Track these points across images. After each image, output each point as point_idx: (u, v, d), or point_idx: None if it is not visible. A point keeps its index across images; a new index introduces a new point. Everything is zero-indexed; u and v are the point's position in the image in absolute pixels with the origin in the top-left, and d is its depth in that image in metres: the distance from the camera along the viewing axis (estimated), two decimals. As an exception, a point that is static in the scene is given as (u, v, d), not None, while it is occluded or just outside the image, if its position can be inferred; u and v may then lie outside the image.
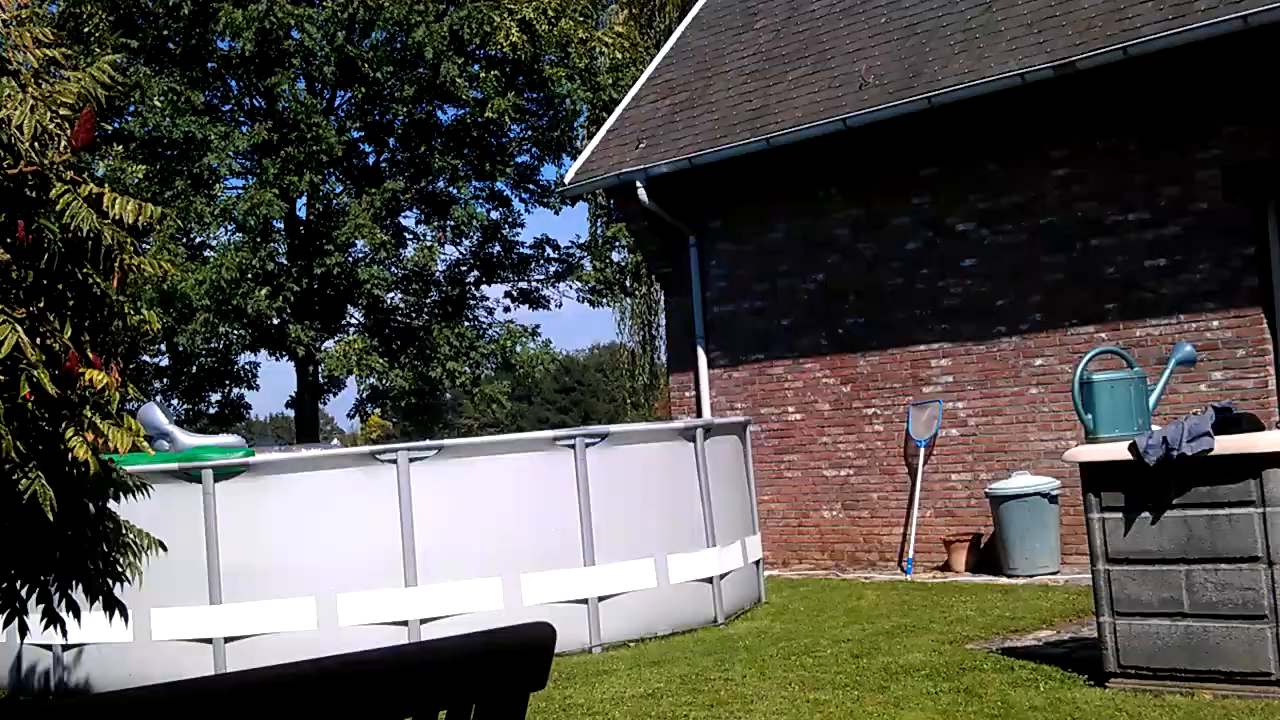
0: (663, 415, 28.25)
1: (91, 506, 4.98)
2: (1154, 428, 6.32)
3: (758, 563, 10.49)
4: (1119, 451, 6.16)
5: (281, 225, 22.31)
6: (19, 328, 4.00)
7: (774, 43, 13.64)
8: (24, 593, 4.91)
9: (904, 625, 8.61)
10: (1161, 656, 6.09)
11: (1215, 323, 10.11)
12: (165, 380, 22.99)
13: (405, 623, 8.52)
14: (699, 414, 13.33)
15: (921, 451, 11.83)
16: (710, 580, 9.50)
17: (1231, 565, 5.87)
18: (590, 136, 18.19)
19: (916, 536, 11.80)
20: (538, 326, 24.24)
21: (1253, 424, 6.39)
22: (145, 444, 4.99)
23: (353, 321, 23.91)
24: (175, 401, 23.42)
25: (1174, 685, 6.02)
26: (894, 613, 9.23)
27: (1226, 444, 5.88)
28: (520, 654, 2.09)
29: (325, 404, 29.73)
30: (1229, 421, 6.04)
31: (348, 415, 27.64)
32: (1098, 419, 6.50)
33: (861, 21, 12.82)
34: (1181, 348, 7.10)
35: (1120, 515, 6.24)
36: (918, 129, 11.65)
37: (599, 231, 24.25)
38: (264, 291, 20.66)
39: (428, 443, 9.59)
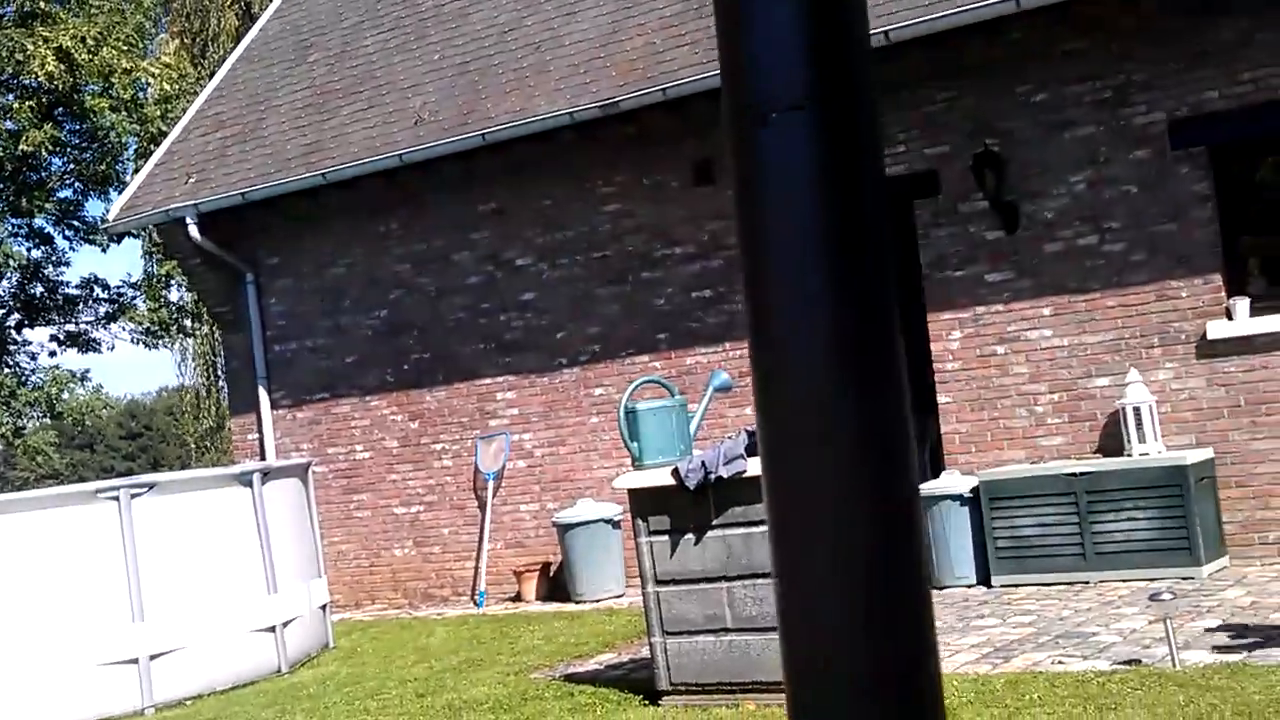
0: (233, 459, 27.17)
1: None
2: (695, 453, 6.62)
3: (324, 606, 10.22)
4: (662, 477, 6.41)
5: None
6: None
7: (328, 76, 13.43)
8: None
9: (472, 660, 8.62)
10: (710, 671, 6.37)
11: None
12: None
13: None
14: (263, 456, 12.89)
15: (490, 484, 11.92)
16: (272, 629, 9.17)
17: (768, 579, 6.21)
18: (138, 170, 17.30)
19: (488, 569, 11.86)
20: (88, 371, 22.66)
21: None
22: None
23: None
24: None
25: (721, 698, 6.31)
26: (463, 648, 9.22)
27: (759, 465, 6.22)
28: None
29: None
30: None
31: None
32: (643, 446, 6.73)
33: (416, 58, 12.83)
34: (718, 375, 7.48)
35: (666, 538, 6.49)
36: (475, 165, 11.77)
37: (152, 270, 23.06)
38: None
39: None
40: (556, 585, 11.45)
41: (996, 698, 5.78)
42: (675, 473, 6.29)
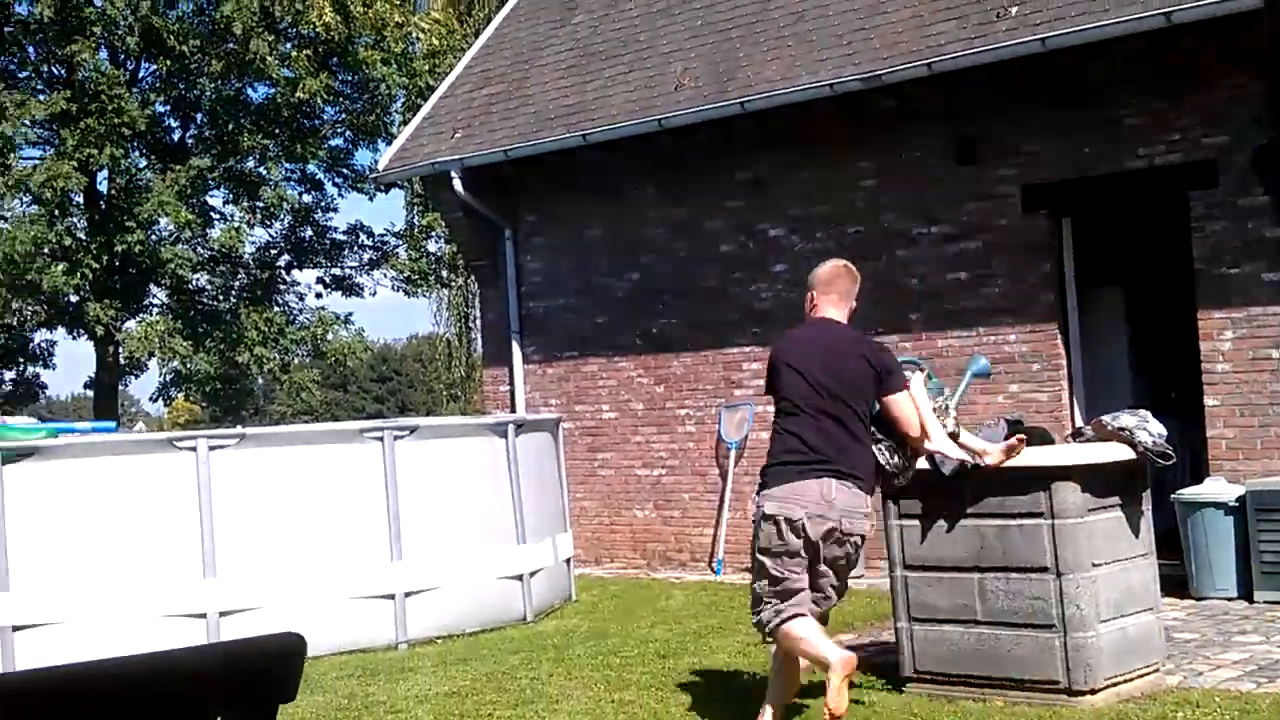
0: (480, 409, 28.03)
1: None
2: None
3: (568, 561, 10.50)
4: (919, 460, 6.32)
5: (80, 199, 21.44)
6: None
7: (591, 38, 13.63)
8: None
9: (711, 626, 8.72)
10: (956, 662, 6.29)
11: (1012, 336, 10.47)
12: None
13: (204, 615, 8.30)
14: (513, 409, 13.27)
15: (733, 453, 11.99)
16: (520, 577, 9.48)
17: (1021, 574, 6.10)
18: (406, 123, 17.91)
19: (726, 538, 11.96)
20: (350, 314, 23.76)
21: (1043, 438, 6.65)
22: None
23: (156, 302, 23.12)
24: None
25: (967, 691, 6.23)
26: (702, 614, 9.34)
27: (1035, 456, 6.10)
28: (266, 665, 2.01)
29: (126, 385, 28.65)
30: (1020, 434, 6.26)
31: (150, 398, 26.74)
32: (899, 429, 6.65)
33: (678, 22, 12.90)
34: (977, 360, 7.34)
35: (917, 523, 6.43)
36: (733, 133, 11.79)
37: (414, 220, 23.91)
38: (60, 267, 19.86)
39: (229, 431, 9.35)
40: (792, 556, 11.46)
41: (1263, 718, 5.55)
42: (930, 457, 6.19)
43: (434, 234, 23.06)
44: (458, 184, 13.14)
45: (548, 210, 13.38)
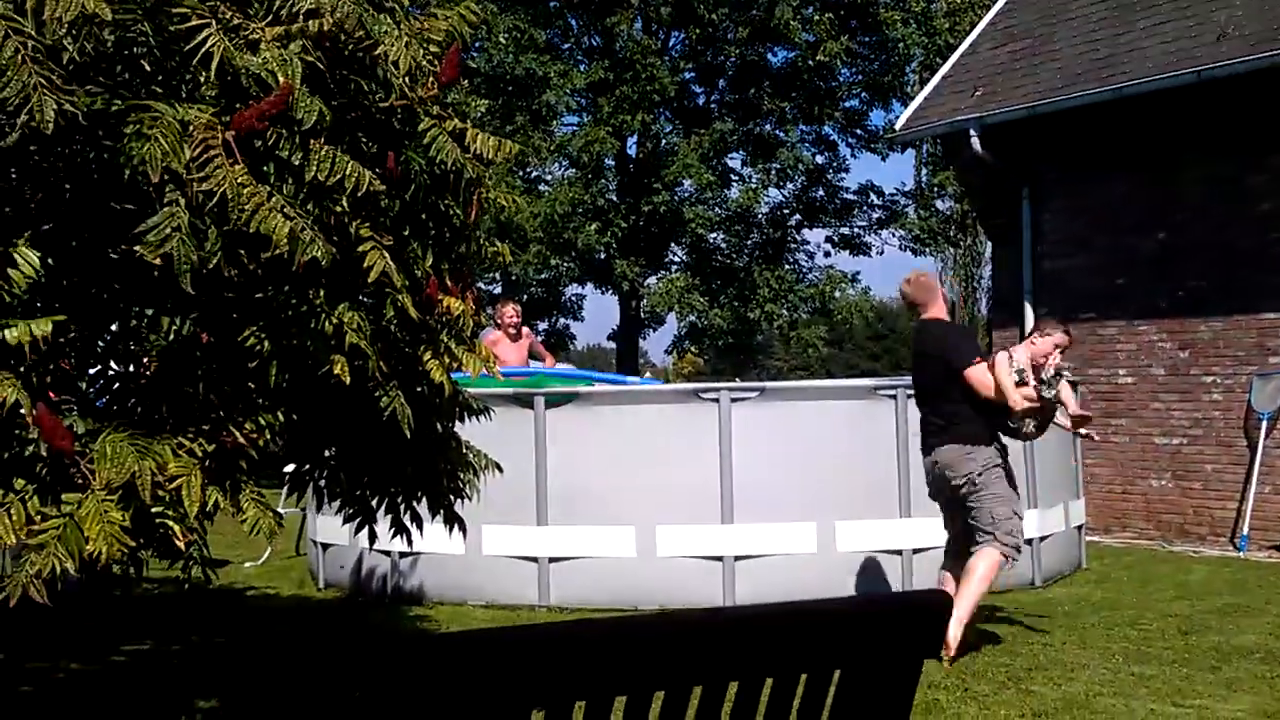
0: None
1: (439, 426, 5.27)
2: None
3: (1079, 528, 10.22)
4: None
5: (612, 163, 22.88)
6: (386, 254, 4.18)
7: (1127, -12, 13.02)
8: (374, 503, 5.26)
9: (1236, 605, 8.25)
10: None
11: None
12: (496, 306, 24.07)
13: (720, 559, 8.72)
14: (1023, 371, 13.00)
15: (1264, 424, 11.21)
16: (1029, 541, 9.31)
17: None
18: (922, 83, 17.86)
19: (1253, 513, 11.21)
20: (858, 273, 24.01)
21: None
22: (495, 369, 5.26)
23: (675, 259, 24.35)
24: (504, 328, 24.44)
25: None
26: (1225, 591, 8.84)
27: None
28: (920, 618, 2.14)
29: (645, 338, 30.43)
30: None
31: (664, 351, 28.24)
32: None
33: (1226, -33, 12.08)
34: None
35: None
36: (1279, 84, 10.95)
37: (925, 179, 23.79)
38: (593, 227, 21.29)
39: (750, 384, 9.72)
40: (1331, 541, 10.60)
41: None
42: None
43: (945, 193, 22.87)
44: (976, 142, 12.99)
45: (1071, 168, 12.95)
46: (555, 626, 1.82)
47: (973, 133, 12.97)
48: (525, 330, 11.93)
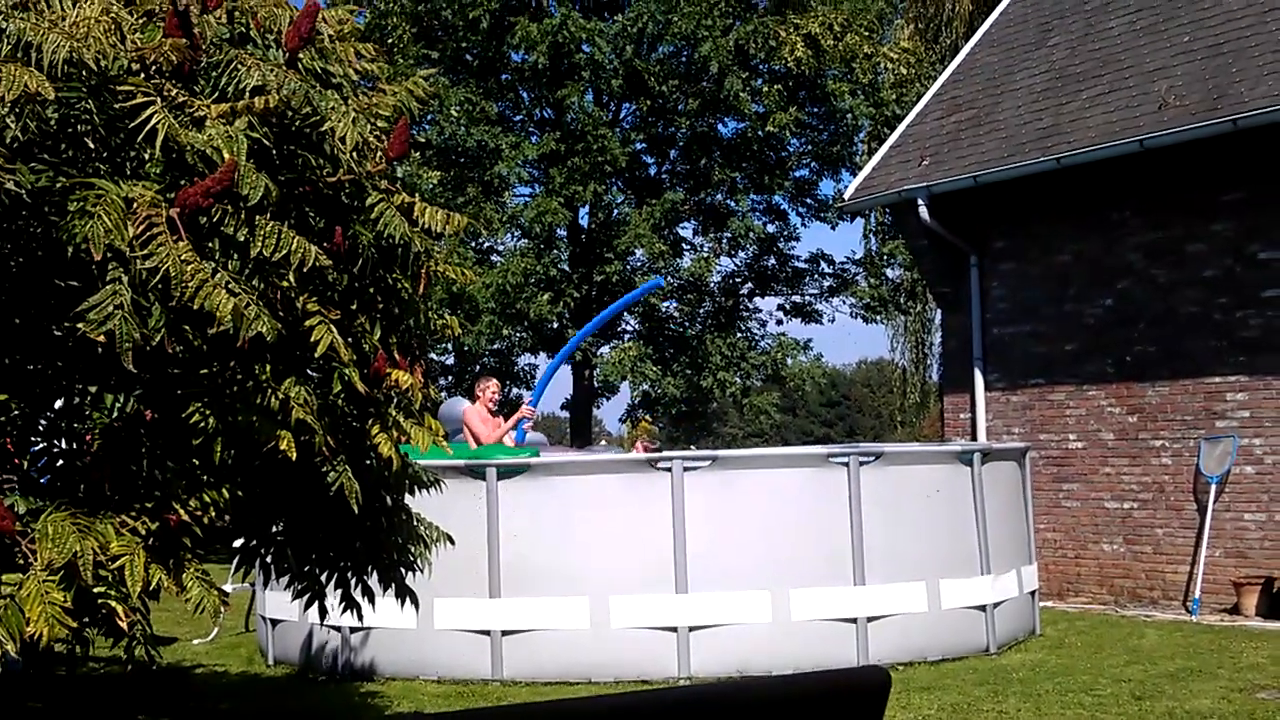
0: (931, 436, 27.76)
1: (389, 499, 5.23)
2: None
3: (1033, 593, 10.24)
4: None
5: (564, 233, 22.97)
6: (333, 329, 4.16)
7: (1068, 60, 13.29)
8: (324, 578, 5.20)
9: (1189, 669, 8.28)
10: None
11: None
12: (449, 378, 23.98)
13: (674, 629, 8.68)
14: (974, 437, 13.10)
15: (1213, 488, 11.32)
16: (983, 608, 9.34)
17: None
18: (870, 152, 18.09)
19: (1204, 576, 11.29)
20: (809, 340, 24.02)
21: None
22: (444, 443, 5.23)
23: (629, 329, 24.40)
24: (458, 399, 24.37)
25: None
26: (1178, 655, 8.88)
27: None
28: (858, 697, 2.12)
29: (599, 407, 30.39)
30: None
31: (619, 420, 28.21)
32: None
33: (1163, 40, 12.36)
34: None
35: None
36: (1220, 152, 11.16)
37: (874, 248, 24.03)
38: (545, 297, 21.32)
39: (702, 452, 9.73)
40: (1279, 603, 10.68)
41: None
42: None
43: (895, 261, 23.09)
44: (924, 211, 13.15)
45: (1017, 236, 13.13)
46: (492, 712, 1.80)
47: (920, 201, 13.13)
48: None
